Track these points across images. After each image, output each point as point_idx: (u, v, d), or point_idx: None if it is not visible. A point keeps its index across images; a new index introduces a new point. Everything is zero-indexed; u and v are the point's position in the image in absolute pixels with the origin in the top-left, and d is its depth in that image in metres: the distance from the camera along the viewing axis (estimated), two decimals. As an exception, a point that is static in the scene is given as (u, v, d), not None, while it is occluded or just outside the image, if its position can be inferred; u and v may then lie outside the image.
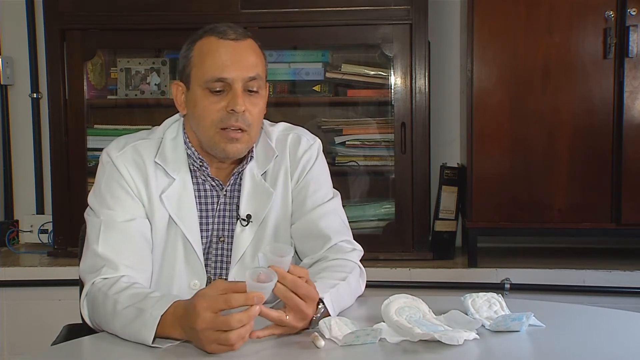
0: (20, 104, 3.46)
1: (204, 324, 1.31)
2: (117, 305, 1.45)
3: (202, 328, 1.31)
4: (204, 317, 1.31)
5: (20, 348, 3.01)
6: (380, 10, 2.98)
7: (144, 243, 1.63)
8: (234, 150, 1.63)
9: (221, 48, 1.62)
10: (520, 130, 2.83)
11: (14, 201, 3.49)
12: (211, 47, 1.62)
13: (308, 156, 1.75)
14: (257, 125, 1.66)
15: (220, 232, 1.70)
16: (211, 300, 1.32)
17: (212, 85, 1.61)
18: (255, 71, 1.62)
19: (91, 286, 1.56)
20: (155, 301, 1.42)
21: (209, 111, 1.62)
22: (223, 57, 1.61)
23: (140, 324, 1.40)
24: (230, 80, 1.60)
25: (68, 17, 3.06)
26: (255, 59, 1.64)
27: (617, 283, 2.82)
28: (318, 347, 1.37)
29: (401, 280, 2.89)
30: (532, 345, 1.41)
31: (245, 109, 1.60)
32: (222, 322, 1.30)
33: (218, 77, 1.60)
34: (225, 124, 1.61)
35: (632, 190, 2.79)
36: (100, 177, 1.68)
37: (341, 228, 1.74)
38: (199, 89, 1.63)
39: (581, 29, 2.78)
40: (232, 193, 1.71)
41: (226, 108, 1.60)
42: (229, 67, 1.60)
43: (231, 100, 1.60)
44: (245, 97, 1.62)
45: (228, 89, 1.61)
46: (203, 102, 1.62)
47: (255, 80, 1.62)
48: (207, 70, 1.61)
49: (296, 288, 1.38)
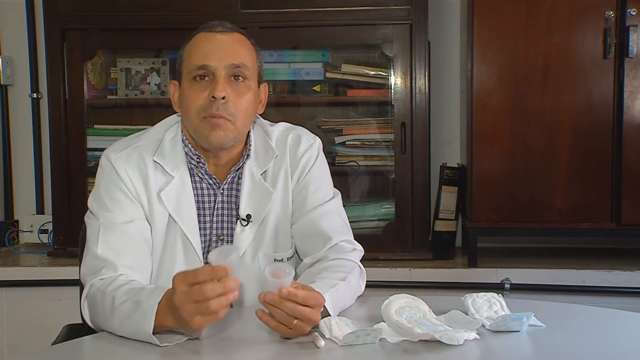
0: (20, 104, 3.46)
1: (181, 296, 1.33)
2: (115, 301, 1.46)
3: (180, 301, 1.33)
4: (179, 290, 1.33)
5: (20, 348, 3.01)
6: (380, 10, 2.98)
7: (144, 244, 1.64)
8: (217, 138, 1.62)
9: (207, 40, 1.64)
10: (520, 130, 2.83)
11: (14, 201, 3.49)
12: (199, 40, 1.65)
13: (308, 156, 1.75)
14: (244, 116, 1.65)
15: (219, 231, 1.70)
16: (184, 275, 1.35)
17: (196, 73, 1.62)
18: (239, 59, 1.63)
19: (90, 287, 1.56)
20: (149, 292, 1.44)
21: (193, 99, 1.63)
22: (207, 46, 1.63)
23: (138, 316, 1.40)
24: (213, 67, 1.61)
25: (68, 17, 3.06)
26: (241, 50, 1.65)
27: (617, 283, 2.83)
28: (318, 347, 1.37)
29: (401, 280, 2.89)
30: (532, 345, 1.41)
31: (226, 95, 1.60)
32: (195, 292, 1.31)
33: (200, 64, 1.62)
34: (207, 112, 1.61)
35: (632, 190, 2.79)
36: (100, 180, 1.68)
37: (342, 228, 1.75)
38: (186, 81, 1.65)
39: (581, 29, 2.78)
40: (230, 192, 1.71)
41: (209, 96, 1.61)
42: (211, 55, 1.62)
43: (212, 87, 1.61)
44: (229, 85, 1.62)
45: (211, 77, 1.62)
46: (188, 92, 1.64)
47: (239, 68, 1.62)
48: (192, 60, 1.63)
49: (307, 301, 1.38)
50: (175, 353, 1.36)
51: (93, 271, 1.58)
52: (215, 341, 1.44)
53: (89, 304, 1.56)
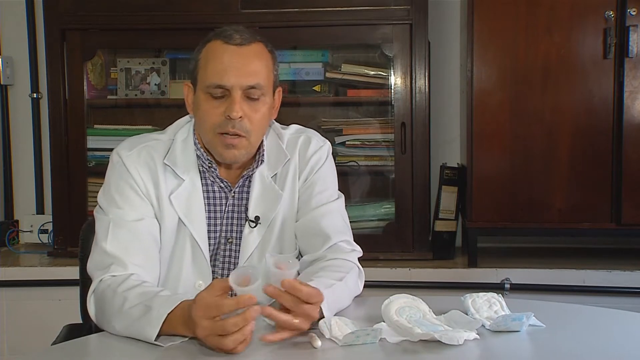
0: (20, 104, 3.46)
1: (204, 331, 1.33)
2: (126, 303, 1.46)
3: (203, 336, 1.33)
4: (202, 325, 1.33)
5: (20, 348, 3.01)
6: (380, 10, 2.98)
7: (152, 243, 1.64)
8: (230, 156, 1.64)
9: (224, 54, 1.62)
10: (520, 130, 2.83)
11: (14, 201, 3.49)
12: (216, 52, 1.63)
13: (317, 157, 1.76)
14: (258, 131, 1.66)
15: (228, 234, 1.71)
16: (206, 308, 1.33)
17: (213, 91, 1.62)
18: (255, 79, 1.62)
19: (99, 283, 1.57)
20: (163, 300, 1.43)
21: (209, 115, 1.63)
22: (225, 63, 1.61)
23: (145, 322, 1.40)
24: (229, 87, 1.61)
25: (68, 17, 3.06)
26: (258, 65, 1.64)
27: (617, 283, 2.83)
28: (315, 347, 1.37)
29: (401, 280, 2.89)
30: (532, 345, 1.41)
31: (243, 115, 1.61)
32: (218, 328, 1.31)
33: (217, 83, 1.61)
34: (222, 129, 1.62)
35: (632, 190, 2.79)
36: (110, 177, 1.68)
37: (342, 228, 1.75)
38: (202, 93, 1.64)
39: (581, 29, 2.78)
40: (241, 195, 1.72)
41: (224, 113, 1.61)
42: (228, 74, 1.60)
43: (228, 106, 1.61)
44: (245, 103, 1.62)
45: (227, 94, 1.62)
46: (204, 105, 1.63)
47: (255, 88, 1.62)
48: (209, 75, 1.62)
49: (310, 298, 1.39)
50: (175, 353, 1.36)
51: (102, 266, 1.58)
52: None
53: (95, 299, 1.56)
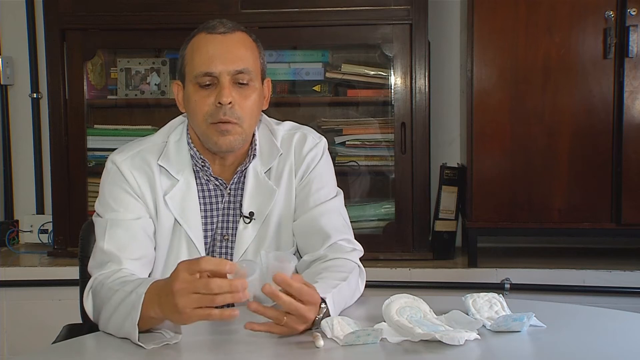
0: (20, 104, 3.46)
1: (182, 284, 1.30)
2: (109, 292, 1.47)
3: (179, 289, 1.30)
4: (181, 278, 1.30)
5: (20, 348, 3.00)
6: (380, 10, 2.98)
7: (148, 240, 1.65)
8: (226, 143, 1.64)
9: (209, 43, 1.63)
10: (520, 130, 2.83)
11: (14, 201, 3.49)
12: (200, 43, 1.65)
13: (313, 154, 1.76)
14: (250, 118, 1.66)
15: (224, 231, 1.71)
16: (191, 262, 1.32)
17: (201, 80, 1.63)
18: (243, 64, 1.63)
19: (94, 280, 1.58)
20: (140, 282, 1.44)
21: (200, 105, 1.63)
22: (210, 51, 1.62)
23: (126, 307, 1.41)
24: (217, 73, 1.61)
25: (68, 17, 3.05)
26: (244, 52, 1.65)
27: (617, 283, 2.83)
28: (317, 347, 1.37)
29: (401, 280, 2.89)
30: (532, 345, 1.41)
31: (232, 100, 1.61)
32: (200, 283, 1.29)
33: (205, 71, 1.62)
34: (215, 118, 1.62)
35: (632, 190, 2.79)
36: (104, 184, 1.69)
37: (342, 227, 1.75)
38: (191, 85, 1.65)
39: (581, 29, 2.78)
40: (236, 192, 1.72)
41: (215, 101, 1.62)
42: (215, 61, 1.61)
43: (218, 93, 1.61)
44: (234, 89, 1.62)
45: (216, 82, 1.62)
46: (194, 96, 1.64)
47: (243, 73, 1.63)
48: (196, 65, 1.63)
49: (302, 295, 1.38)
50: (174, 353, 1.36)
51: (99, 265, 1.60)
52: (214, 341, 1.44)
53: (92, 297, 1.57)
